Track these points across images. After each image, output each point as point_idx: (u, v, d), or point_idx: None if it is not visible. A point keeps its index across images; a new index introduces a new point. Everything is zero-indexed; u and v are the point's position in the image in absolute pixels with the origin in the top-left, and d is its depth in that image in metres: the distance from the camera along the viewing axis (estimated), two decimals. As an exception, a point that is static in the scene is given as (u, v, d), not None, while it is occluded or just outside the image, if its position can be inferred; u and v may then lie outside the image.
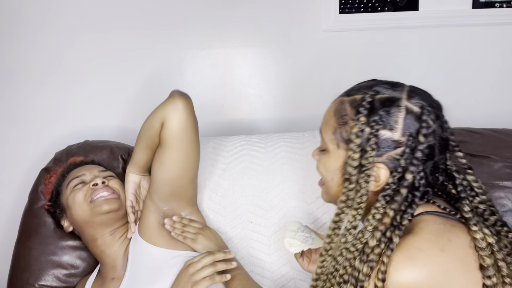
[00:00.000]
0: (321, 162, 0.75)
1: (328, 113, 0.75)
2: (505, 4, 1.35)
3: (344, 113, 0.71)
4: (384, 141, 0.66)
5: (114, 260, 1.01)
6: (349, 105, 0.71)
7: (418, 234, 0.62)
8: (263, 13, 1.36)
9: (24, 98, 1.37)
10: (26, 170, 1.37)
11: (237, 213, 1.06)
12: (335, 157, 0.72)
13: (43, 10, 1.33)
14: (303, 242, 0.91)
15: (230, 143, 1.17)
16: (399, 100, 0.68)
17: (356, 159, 0.67)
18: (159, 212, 1.01)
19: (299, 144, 1.14)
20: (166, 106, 0.93)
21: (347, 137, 0.69)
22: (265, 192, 1.07)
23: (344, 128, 0.70)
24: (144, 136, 0.98)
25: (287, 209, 1.06)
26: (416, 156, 0.65)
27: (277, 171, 1.09)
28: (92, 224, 0.99)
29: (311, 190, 1.07)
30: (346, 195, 0.69)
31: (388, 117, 0.67)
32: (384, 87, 0.70)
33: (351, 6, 1.35)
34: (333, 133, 0.72)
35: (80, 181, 1.02)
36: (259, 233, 1.05)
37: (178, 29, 1.37)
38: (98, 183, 1.00)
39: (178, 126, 0.92)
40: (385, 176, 0.67)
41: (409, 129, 0.66)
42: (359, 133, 0.67)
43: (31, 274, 1.08)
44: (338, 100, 0.74)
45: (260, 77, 1.42)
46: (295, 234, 0.92)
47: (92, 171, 1.05)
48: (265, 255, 1.03)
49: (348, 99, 0.72)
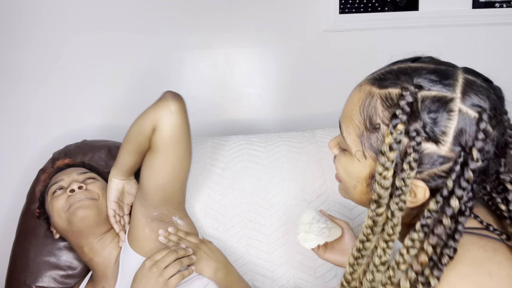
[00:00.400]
0: (341, 164, 0.61)
1: (351, 105, 0.58)
2: (505, 4, 1.35)
3: (373, 113, 0.55)
4: (427, 157, 0.51)
5: (104, 269, 0.97)
6: (382, 104, 0.54)
7: (452, 265, 0.50)
8: (263, 13, 1.36)
9: (22, 98, 1.37)
10: (24, 170, 1.36)
11: (236, 212, 1.05)
12: (359, 165, 0.57)
13: (42, 10, 1.33)
14: (319, 235, 0.81)
15: (229, 142, 1.16)
16: (451, 101, 0.51)
17: (388, 178, 0.53)
18: (148, 217, 0.95)
19: (298, 144, 1.14)
20: (158, 109, 0.85)
21: (377, 147, 0.54)
22: (265, 190, 1.06)
23: (373, 134, 0.55)
24: (132, 139, 0.90)
25: (287, 208, 1.05)
26: (467, 177, 0.50)
27: (277, 170, 1.08)
28: (72, 233, 0.94)
29: (311, 189, 1.06)
30: (373, 220, 0.55)
31: (435, 126, 0.51)
32: (431, 78, 0.52)
33: (351, 6, 1.35)
34: (358, 136, 0.56)
35: (58, 187, 0.97)
36: (259, 231, 1.04)
37: (178, 29, 1.37)
38: (74, 189, 0.94)
39: (172, 131, 0.85)
40: (423, 195, 0.53)
41: (461, 141, 0.50)
42: (394, 145, 0.51)
43: (28, 275, 1.06)
44: (365, 90, 0.57)
45: (260, 77, 1.41)
46: (309, 227, 0.82)
47: (70, 175, 0.99)
48: (265, 254, 1.02)
49: (380, 92, 0.55)
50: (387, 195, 0.53)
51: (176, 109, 0.85)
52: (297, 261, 1.02)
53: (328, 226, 0.83)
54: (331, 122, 1.37)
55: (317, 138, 1.15)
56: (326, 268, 1.01)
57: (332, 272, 1.02)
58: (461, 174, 0.51)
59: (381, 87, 0.55)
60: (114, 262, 0.97)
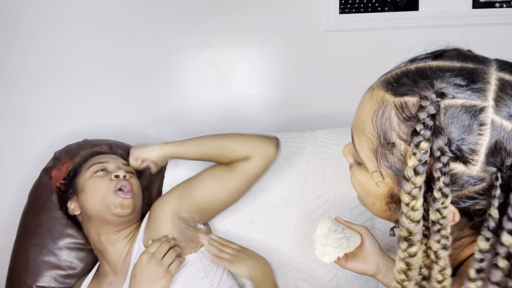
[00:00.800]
0: (356, 178, 0.53)
1: (363, 114, 0.50)
2: (505, 4, 1.35)
3: (388, 126, 0.46)
4: (454, 178, 0.43)
5: (115, 263, 0.97)
6: (397, 116, 0.45)
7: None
8: (263, 13, 1.36)
9: (23, 97, 1.37)
10: (25, 170, 1.36)
11: (236, 212, 1.05)
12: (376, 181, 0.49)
13: (42, 9, 1.33)
14: (337, 247, 0.75)
15: (230, 142, 1.16)
16: (481, 112, 0.41)
17: (417, 209, 0.43)
18: (176, 215, 0.96)
19: (298, 144, 1.14)
20: (263, 146, 0.95)
21: (396, 166, 0.46)
22: (265, 191, 1.06)
23: (390, 152, 0.46)
24: (218, 148, 0.97)
25: (287, 209, 1.05)
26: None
27: (277, 171, 1.08)
28: (101, 219, 0.96)
29: (311, 190, 1.06)
30: (406, 263, 0.45)
31: (462, 143, 0.42)
32: (456, 82, 0.43)
33: (351, 6, 1.35)
34: (372, 152, 0.48)
35: (101, 168, 0.99)
36: (259, 232, 1.04)
37: (178, 29, 1.37)
38: (120, 175, 0.97)
39: (257, 170, 0.94)
40: (453, 218, 0.45)
41: (496, 161, 0.41)
42: (420, 168, 0.42)
43: (28, 275, 1.06)
44: (377, 97, 0.48)
45: (260, 77, 1.41)
46: (326, 239, 0.76)
47: (116, 161, 1.02)
48: (265, 255, 1.02)
49: (395, 101, 0.46)
50: (419, 229, 0.44)
51: (272, 157, 0.96)
52: (297, 261, 1.02)
53: (346, 235, 0.77)
54: (331, 122, 1.37)
55: (318, 138, 1.15)
56: (326, 269, 1.01)
57: (332, 273, 1.02)
58: (505, 200, 0.41)
59: (396, 95, 0.46)
60: (124, 258, 0.97)
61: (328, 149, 1.11)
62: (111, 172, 0.98)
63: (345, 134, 1.16)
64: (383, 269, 0.77)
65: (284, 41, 1.39)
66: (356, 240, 0.77)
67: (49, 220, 1.09)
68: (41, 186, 1.14)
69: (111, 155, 1.07)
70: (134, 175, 1.04)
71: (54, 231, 1.09)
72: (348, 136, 1.14)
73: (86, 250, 1.09)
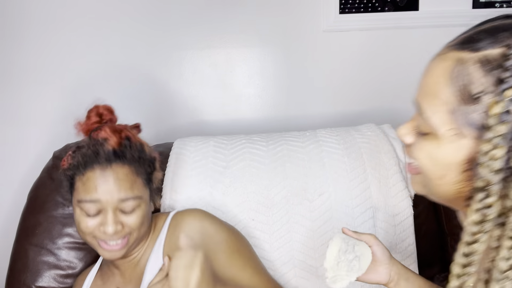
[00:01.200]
0: (424, 150, 0.52)
1: (434, 77, 0.50)
2: (505, 4, 1.35)
3: (469, 81, 0.46)
4: None
5: (125, 268, 0.89)
6: (479, 69, 0.46)
7: None
8: (263, 13, 1.37)
9: (24, 98, 1.36)
10: (25, 170, 1.36)
11: (238, 210, 1.05)
12: (452, 147, 0.48)
13: (42, 10, 1.33)
14: (349, 271, 0.73)
15: (231, 141, 1.16)
16: None
17: (498, 158, 0.43)
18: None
19: (300, 143, 1.14)
20: None
21: (481, 121, 0.45)
22: (267, 189, 1.06)
23: (472, 107, 0.46)
24: None
25: (289, 207, 1.05)
26: None
27: (279, 169, 1.08)
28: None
29: (313, 188, 1.06)
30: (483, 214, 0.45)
31: None
32: None
33: (351, 6, 1.35)
34: (449, 113, 0.48)
35: (90, 200, 0.80)
36: (261, 230, 1.04)
37: (178, 29, 1.37)
38: (109, 231, 0.79)
39: None
40: None
41: None
42: (504, 116, 0.43)
43: (28, 275, 1.06)
44: (452, 57, 0.49)
45: (260, 77, 1.41)
46: (337, 264, 0.73)
47: (111, 195, 0.80)
48: (266, 253, 1.02)
49: (474, 56, 0.46)
50: (498, 179, 0.43)
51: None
52: (298, 260, 1.02)
53: (357, 254, 0.74)
54: (331, 122, 1.37)
55: (319, 137, 1.15)
56: (328, 267, 1.01)
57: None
58: None
59: (474, 50, 0.46)
60: (135, 265, 0.89)
61: (329, 147, 1.11)
62: (98, 214, 0.80)
63: (346, 134, 1.16)
64: (395, 277, 0.76)
65: (284, 41, 1.39)
66: (367, 258, 0.75)
67: (47, 220, 1.09)
68: (41, 186, 1.14)
69: (105, 185, 0.80)
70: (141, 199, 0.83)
71: (53, 230, 1.08)
72: (348, 136, 1.16)
73: (85, 249, 1.08)
